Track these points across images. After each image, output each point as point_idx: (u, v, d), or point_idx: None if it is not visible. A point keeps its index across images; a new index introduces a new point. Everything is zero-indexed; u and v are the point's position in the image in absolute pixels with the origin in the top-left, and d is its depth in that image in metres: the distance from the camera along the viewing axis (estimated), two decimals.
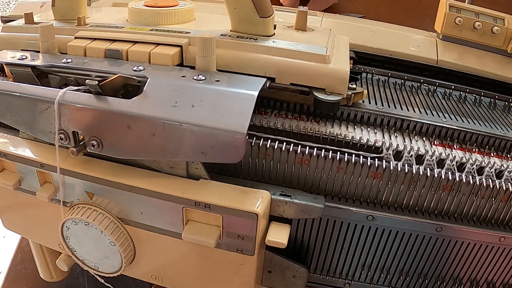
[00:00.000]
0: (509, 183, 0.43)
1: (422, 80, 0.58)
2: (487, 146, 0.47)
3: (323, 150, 0.43)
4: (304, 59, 0.43)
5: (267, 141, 0.43)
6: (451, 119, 0.48)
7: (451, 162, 0.43)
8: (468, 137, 0.47)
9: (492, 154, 0.45)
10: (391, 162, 0.43)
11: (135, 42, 0.45)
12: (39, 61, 0.43)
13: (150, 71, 0.41)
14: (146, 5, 0.51)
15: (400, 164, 0.43)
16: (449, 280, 0.48)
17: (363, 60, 0.59)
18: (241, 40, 0.45)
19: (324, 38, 0.48)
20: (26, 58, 0.44)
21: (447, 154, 0.43)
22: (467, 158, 0.43)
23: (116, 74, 0.40)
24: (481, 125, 0.48)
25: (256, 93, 0.38)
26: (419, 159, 0.43)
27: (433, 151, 0.43)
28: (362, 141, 0.44)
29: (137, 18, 0.50)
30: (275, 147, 0.43)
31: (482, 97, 0.56)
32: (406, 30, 0.66)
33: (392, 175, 0.43)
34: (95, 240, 0.44)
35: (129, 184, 0.41)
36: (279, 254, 0.45)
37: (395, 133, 0.46)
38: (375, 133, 0.46)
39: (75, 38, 0.46)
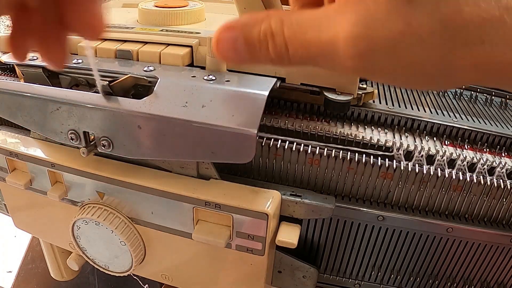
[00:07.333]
0: None
1: None
2: (498, 146, 0.46)
3: (334, 150, 0.43)
4: None
5: (278, 141, 0.43)
6: (462, 119, 0.48)
7: (462, 162, 0.43)
8: (479, 137, 0.47)
9: (503, 154, 0.45)
10: (402, 162, 0.43)
11: (146, 43, 0.45)
12: None
13: (160, 72, 0.41)
14: (156, 6, 0.51)
15: (410, 164, 0.42)
16: (459, 281, 0.48)
17: None
18: None
19: None
20: (37, 58, 0.44)
21: (458, 154, 0.43)
22: (478, 158, 0.43)
23: (127, 75, 0.40)
24: (492, 125, 0.48)
25: (266, 93, 0.38)
26: (430, 159, 0.43)
27: (443, 151, 0.43)
28: (372, 141, 0.44)
29: (147, 18, 0.50)
30: (286, 147, 0.43)
31: (493, 97, 0.56)
32: None
33: (403, 175, 0.43)
34: (105, 239, 0.44)
35: (139, 184, 0.41)
36: (289, 254, 0.45)
37: (406, 133, 0.46)
38: (386, 133, 0.46)
39: None
